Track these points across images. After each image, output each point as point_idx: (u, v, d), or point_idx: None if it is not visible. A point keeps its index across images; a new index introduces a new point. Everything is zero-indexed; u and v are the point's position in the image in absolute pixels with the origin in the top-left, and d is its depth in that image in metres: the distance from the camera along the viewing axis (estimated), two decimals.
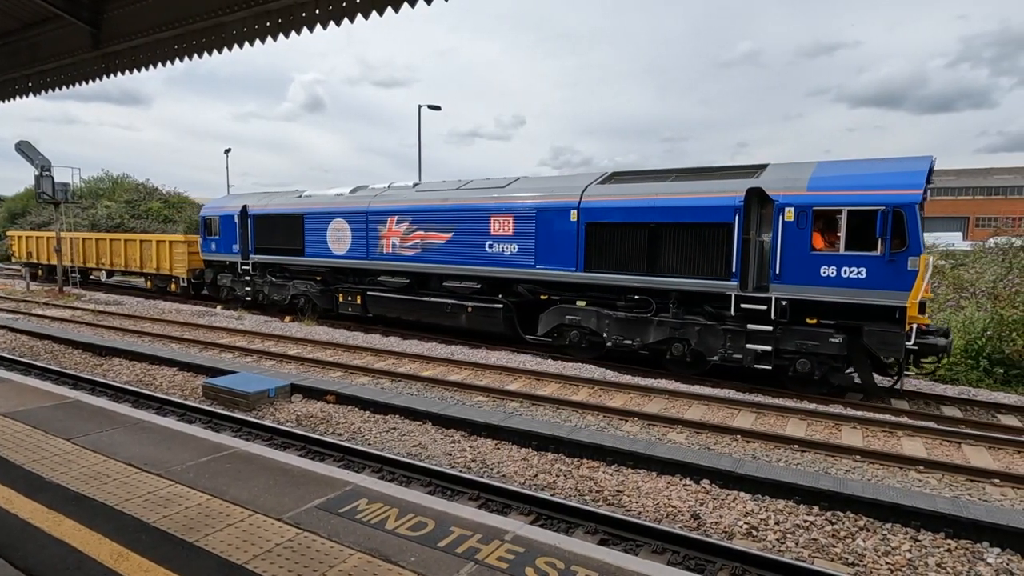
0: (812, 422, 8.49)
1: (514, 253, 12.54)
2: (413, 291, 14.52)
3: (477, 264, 13.14)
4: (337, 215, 15.88)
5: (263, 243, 18.01)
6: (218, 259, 19.86)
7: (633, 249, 11.07)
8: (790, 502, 5.85)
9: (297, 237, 16.85)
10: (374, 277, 15.33)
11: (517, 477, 6.58)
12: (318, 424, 8.24)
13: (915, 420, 8.55)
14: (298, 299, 17.46)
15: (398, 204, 14.65)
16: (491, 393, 9.68)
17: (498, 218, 12.73)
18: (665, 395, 9.65)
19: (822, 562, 4.98)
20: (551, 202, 12.03)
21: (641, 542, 5.14)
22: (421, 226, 14.08)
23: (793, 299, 9.57)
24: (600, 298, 11.82)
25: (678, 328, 10.81)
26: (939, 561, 4.92)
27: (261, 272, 18.47)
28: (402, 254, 14.46)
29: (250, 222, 18.29)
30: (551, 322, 12.41)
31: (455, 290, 13.59)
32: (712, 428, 8.00)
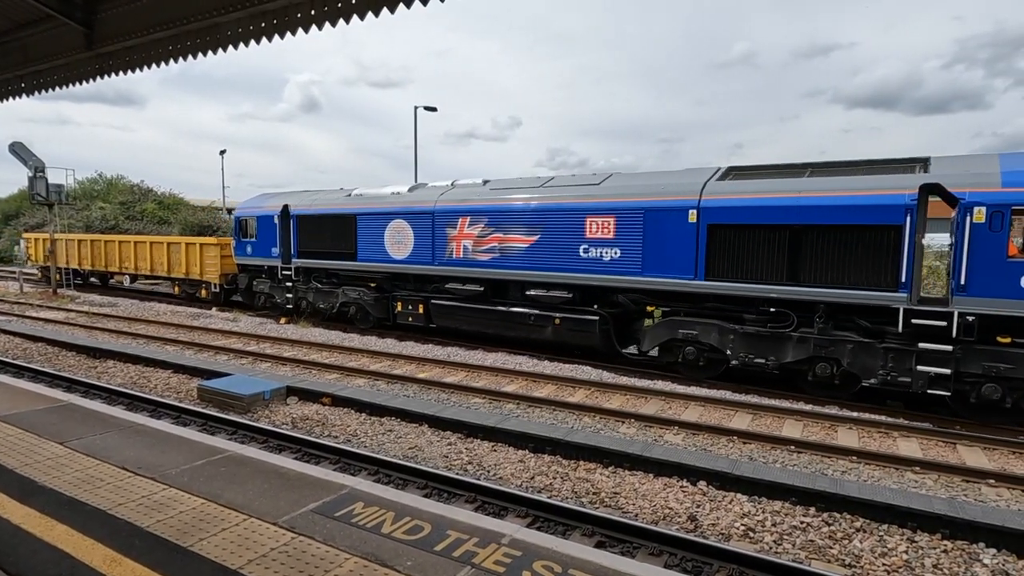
0: (808, 423, 8.51)
1: (615, 259, 11.12)
2: (487, 300, 13.10)
3: (569, 271, 11.68)
4: (396, 215, 14.35)
5: (308, 246, 16.45)
6: (255, 263, 18.24)
7: (769, 254, 9.63)
8: (787, 503, 5.85)
9: (348, 240, 15.34)
10: (440, 284, 13.86)
11: (514, 479, 6.56)
12: (314, 427, 8.20)
13: (911, 421, 8.57)
14: (348, 307, 15.91)
15: (471, 203, 13.15)
16: (488, 395, 9.66)
17: (596, 219, 11.30)
18: (662, 396, 9.65)
19: (819, 564, 4.97)
20: (663, 201, 10.58)
21: (638, 544, 5.13)
22: (499, 228, 12.59)
23: (984, 314, 8.13)
24: (722, 310, 10.41)
25: (825, 346, 9.30)
26: (935, 562, 4.92)
27: (305, 278, 16.86)
28: (475, 259, 12.97)
29: (293, 223, 16.70)
30: (660, 336, 11.01)
31: (539, 300, 12.20)
32: (709, 429, 8.00)
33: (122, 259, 23.53)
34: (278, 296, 17.73)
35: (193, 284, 21.20)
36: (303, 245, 16.60)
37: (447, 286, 13.66)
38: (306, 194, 17.45)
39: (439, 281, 13.91)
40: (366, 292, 15.46)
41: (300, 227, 16.62)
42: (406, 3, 4.03)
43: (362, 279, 15.66)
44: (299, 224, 16.64)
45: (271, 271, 17.85)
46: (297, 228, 16.68)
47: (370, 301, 15.33)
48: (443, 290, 13.80)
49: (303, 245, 16.60)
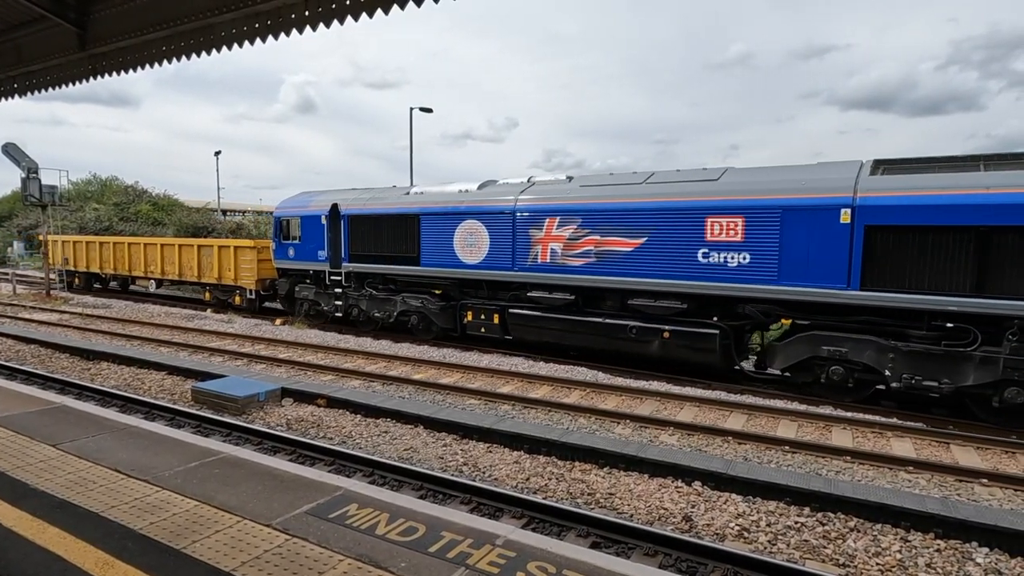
0: (803, 423, 8.53)
1: (744, 264, 9.84)
2: (577, 310, 11.89)
3: (684, 278, 10.40)
4: (468, 216, 13.07)
5: (361, 249, 15.10)
6: (297, 268, 16.76)
7: (947, 261, 8.36)
8: (781, 503, 5.87)
9: (410, 242, 14.06)
10: (520, 292, 12.63)
11: (509, 480, 6.56)
12: (308, 428, 8.18)
13: (904, 421, 8.61)
14: (408, 316, 14.56)
15: (560, 202, 11.90)
16: (483, 396, 9.65)
17: (718, 219, 10.01)
18: (657, 397, 9.67)
19: (813, 563, 4.99)
20: (807, 199, 9.31)
21: (633, 545, 5.13)
22: (596, 229, 11.33)
23: None
24: (878, 324, 9.13)
25: (1018, 367, 8.03)
26: (929, 561, 4.95)
27: (357, 284, 15.45)
28: (566, 264, 11.72)
29: (344, 224, 15.34)
30: (798, 354, 9.67)
31: (645, 310, 10.99)
32: (704, 430, 8.02)
33: (147, 263, 22.04)
34: (324, 303, 16.23)
35: (226, 290, 19.58)
36: (356, 248, 15.21)
37: (530, 294, 12.33)
38: (357, 192, 16.08)
39: (519, 288, 12.61)
40: (430, 300, 14.12)
41: (352, 228, 15.21)
42: (400, 4, 4.02)
43: (425, 285, 14.38)
44: (351, 225, 15.21)
45: (317, 276, 16.38)
46: (349, 229, 15.27)
47: (435, 310, 13.97)
48: (524, 299, 12.50)
49: (356, 248, 15.21)
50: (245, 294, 18.86)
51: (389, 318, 14.87)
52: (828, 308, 9.41)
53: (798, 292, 9.49)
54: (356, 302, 15.47)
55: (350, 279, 15.57)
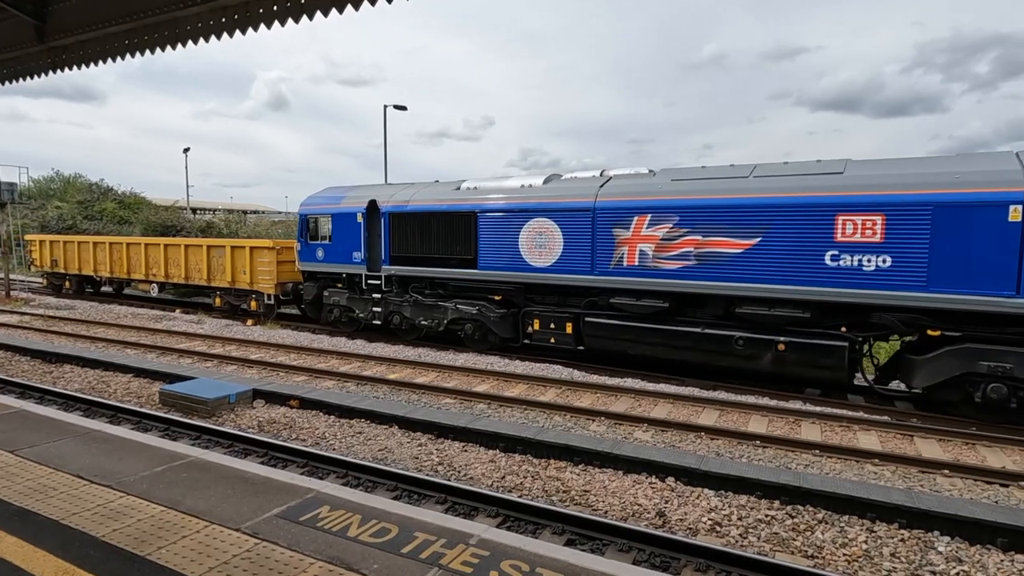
0: (773, 418, 8.68)
1: (883, 268, 8.77)
2: (668, 319, 10.74)
3: (807, 283, 9.29)
4: (538, 213, 11.80)
5: (405, 250, 13.73)
6: (327, 271, 15.27)
7: None
8: (752, 497, 5.96)
9: (465, 243, 12.77)
10: (598, 298, 11.49)
11: (484, 479, 6.55)
12: (281, 430, 8.06)
13: (870, 415, 8.82)
14: (460, 325, 13.22)
15: (651, 198, 10.68)
16: (458, 395, 9.62)
17: (852, 217, 8.92)
18: (631, 394, 9.74)
19: (783, 555, 5.08)
20: (965, 194, 8.29)
21: (608, 541, 5.17)
22: (696, 228, 10.15)
23: None
24: None
25: None
26: (893, 551, 5.08)
27: (399, 288, 14.12)
28: (658, 268, 10.52)
29: (384, 222, 13.97)
30: (948, 370, 8.57)
31: (756, 319, 9.85)
32: (677, 426, 8.11)
33: (149, 265, 20.18)
34: (359, 309, 14.79)
35: (240, 295, 17.89)
36: (398, 249, 13.84)
37: (612, 300, 11.17)
38: (396, 188, 14.81)
39: (598, 295, 11.46)
40: (488, 307, 12.78)
41: (395, 227, 13.83)
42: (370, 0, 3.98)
43: (482, 291, 12.96)
44: (393, 224, 13.84)
45: (351, 280, 14.93)
46: (390, 228, 13.89)
47: (494, 318, 12.63)
48: (604, 306, 11.37)
49: (398, 249, 13.84)
50: (262, 299, 17.13)
51: (438, 326, 13.47)
52: (988, 318, 8.39)
53: (953, 300, 8.40)
54: (398, 309, 14.07)
55: (391, 283, 14.17)
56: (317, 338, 14.61)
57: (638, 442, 7.59)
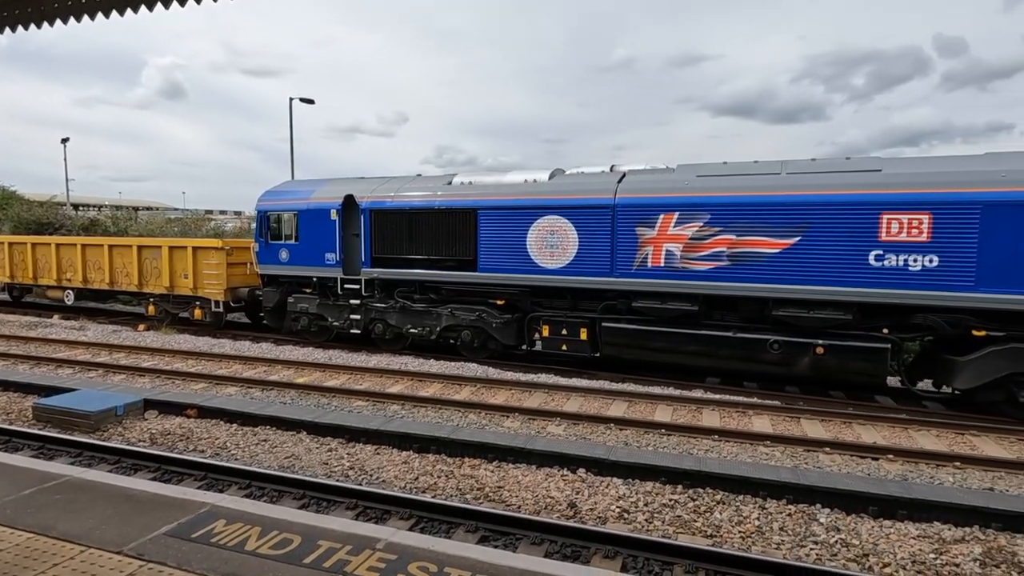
0: (677, 407, 9.13)
1: (929, 268, 8.60)
2: (695, 323, 10.21)
3: (850, 284, 9.02)
4: (549, 210, 10.95)
5: (389, 251, 12.49)
6: (294, 274, 13.72)
7: None
8: (658, 483, 6.23)
9: (463, 242, 11.75)
10: (617, 302, 10.82)
11: (398, 482, 6.44)
12: (176, 442, 7.53)
13: (764, 400, 9.48)
14: (456, 332, 12.18)
15: (678, 194, 10.08)
16: (371, 397, 9.39)
17: (897, 216, 8.70)
18: (545, 389, 9.91)
19: (685, 536, 5.35)
20: (1012, 193, 8.17)
21: (521, 535, 5.22)
22: (729, 227, 9.66)
23: None
24: None
25: None
26: (781, 525, 5.48)
27: (382, 293, 12.85)
28: (687, 269, 9.98)
29: (364, 220, 12.66)
30: (995, 370, 8.51)
31: (795, 321, 9.47)
32: (588, 419, 8.34)
33: (61, 268, 17.55)
34: (332, 317, 13.38)
35: (180, 302, 15.77)
36: (382, 249, 12.58)
37: (636, 304, 10.51)
38: (376, 181, 13.32)
39: (617, 298, 10.79)
40: (489, 312, 11.83)
41: (377, 225, 12.55)
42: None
43: (483, 295, 12.00)
44: (376, 221, 12.56)
45: (323, 284, 13.49)
46: (371, 226, 12.59)
47: (497, 324, 11.72)
48: (625, 309, 10.71)
49: (382, 249, 12.58)
50: (209, 306, 15.11)
51: (430, 334, 12.37)
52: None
53: (1002, 300, 8.33)
54: (381, 316, 12.80)
55: (372, 288, 12.89)
56: (218, 343, 13.77)
57: (551, 436, 7.73)
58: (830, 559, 4.98)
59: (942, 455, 7.13)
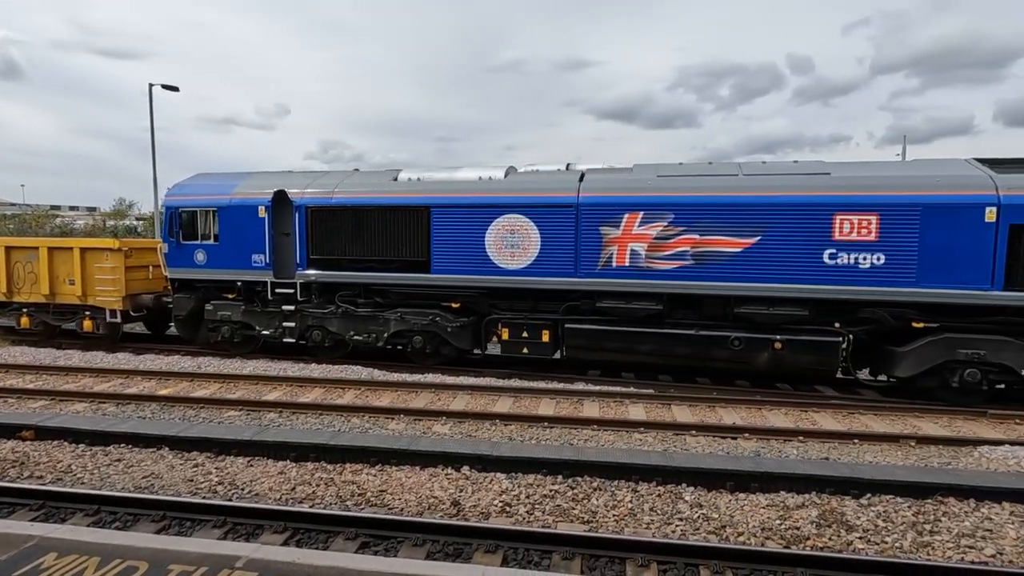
0: (560, 400, 9.43)
1: (878, 266, 9.22)
2: (659, 322, 10.29)
3: (807, 281, 9.48)
4: (509, 209, 10.61)
5: (330, 252, 11.62)
6: (214, 278, 12.35)
7: None
8: (539, 475, 6.40)
9: (415, 242, 11.12)
10: (581, 302, 10.68)
11: (273, 494, 6.10)
12: (8, 468, 6.62)
13: (640, 389, 10.04)
14: (407, 338, 11.50)
15: (643, 194, 10.13)
16: (245, 406, 8.83)
17: (849, 217, 9.25)
18: (432, 389, 9.85)
19: (564, 524, 5.54)
20: (951, 196, 8.95)
21: (403, 538, 5.15)
22: (693, 227, 9.84)
23: None
24: (1015, 325, 9.09)
25: None
26: (651, 506, 5.83)
27: (322, 298, 11.92)
28: (652, 268, 10.05)
29: (299, 218, 11.70)
30: (932, 358, 9.20)
31: (756, 318, 9.83)
32: (474, 416, 8.39)
33: None
34: (261, 325, 12.18)
35: (64, 312, 13.54)
36: (320, 250, 11.67)
37: (600, 304, 10.45)
38: (310, 176, 12.39)
39: (580, 298, 10.68)
40: (443, 316, 11.28)
41: (315, 224, 11.63)
42: None
43: (437, 297, 11.41)
44: (313, 220, 11.63)
45: (250, 289, 12.27)
46: (309, 225, 11.65)
47: (452, 328, 11.21)
48: (588, 310, 10.63)
49: (320, 250, 11.67)
50: (103, 316, 13.07)
51: (376, 341, 11.61)
52: (966, 310, 9.17)
53: (939, 294, 9.10)
54: (320, 322, 11.86)
55: (310, 292, 11.91)
56: (65, 354, 12.30)
57: (437, 435, 7.70)
58: (693, 533, 5.38)
59: (788, 431, 7.95)
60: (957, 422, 8.69)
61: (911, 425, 8.51)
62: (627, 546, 4.89)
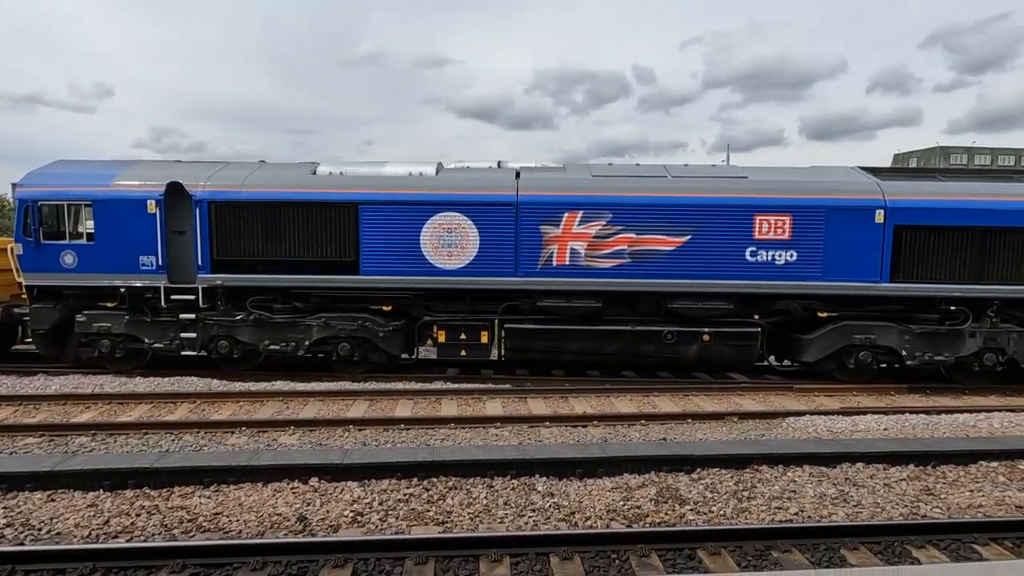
0: (418, 400, 9.29)
1: (791, 262, 10.11)
2: (597, 319, 10.42)
3: (733, 277, 10.17)
4: (447, 207, 10.22)
5: (238, 252, 10.41)
6: (89, 284, 10.55)
7: (954, 255, 10.04)
8: (393, 480, 6.21)
9: (341, 241, 10.33)
10: (520, 302, 10.55)
11: (79, 531, 5.28)
12: None
13: (497, 385, 10.20)
14: (332, 345, 10.61)
15: (583, 194, 10.24)
16: (48, 431, 7.60)
17: (767, 217, 10.04)
18: (280, 397, 9.21)
19: (419, 528, 5.42)
20: (848, 200, 10.08)
21: (239, 563, 4.71)
22: (630, 226, 10.12)
23: None
24: (897, 312, 10.39)
25: (993, 338, 10.18)
26: (506, 500, 5.91)
27: (229, 304, 10.62)
28: (592, 267, 10.22)
29: (200, 214, 10.30)
30: (833, 344, 10.35)
31: (688, 313, 10.31)
32: (326, 423, 7.97)
33: None
34: (152, 337, 10.61)
35: None
36: (227, 251, 10.38)
37: (541, 303, 10.38)
38: (209, 167, 10.91)
39: (521, 297, 10.53)
40: (374, 320, 10.53)
41: (219, 221, 10.31)
42: None
43: (365, 300, 10.67)
44: (216, 216, 10.30)
45: (137, 296, 10.57)
46: (213, 222, 10.30)
47: (384, 333, 10.47)
48: (528, 309, 10.52)
49: (227, 251, 10.38)
50: None
51: (297, 349, 10.57)
52: (864, 300, 10.38)
53: (840, 287, 10.19)
54: (228, 331, 10.56)
55: (215, 298, 10.56)
56: None
57: (283, 447, 7.19)
58: (544, 523, 5.53)
59: (633, 416, 8.53)
60: (771, 398, 9.90)
61: (735, 403, 9.53)
62: (479, 543, 4.89)
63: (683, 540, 5.00)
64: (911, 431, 8.16)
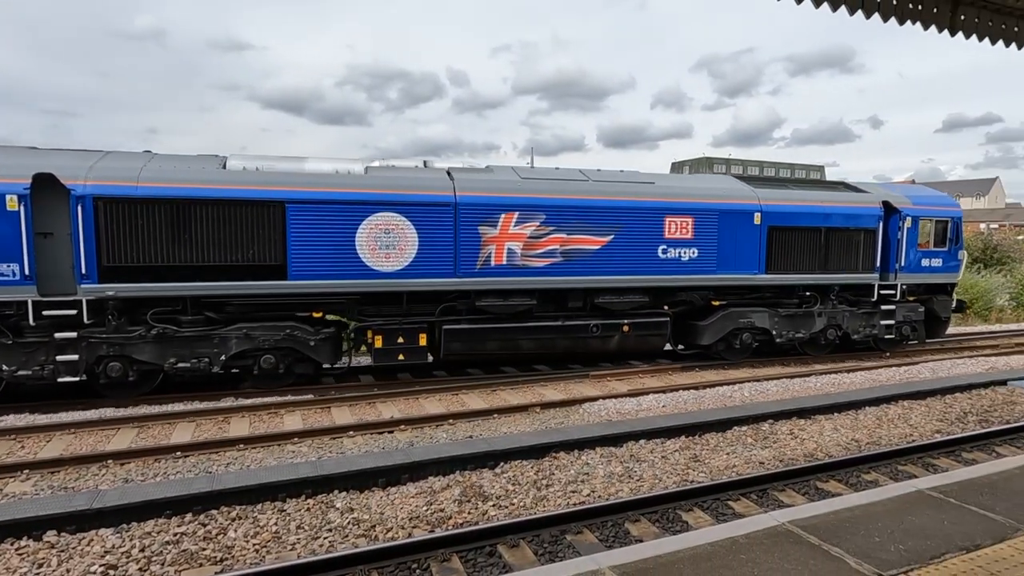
0: (201, 421, 8.22)
1: (693, 258, 11.44)
2: (530, 316, 10.88)
3: (648, 273, 11.25)
4: (383, 207, 9.70)
5: (134, 257, 8.73)
6: None
7: (808, 250, 12.14)
8: (161, 519, 5.35)
9: (265, 243, 9.20)
10: (458, 303, 10.55)
11: None
12: None
13: (297, 396, 9.45)
14: (252, 358, 9.45)
15: (519, 196, 10.49)
16: None
17: (675, 219, 11.27)
18: (12, 435, 7.48)
19: (191, 572, 4.72)
20: (736, 204, 11.70)
21: None
22: (562, 227, 10.66)
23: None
24: (767, 299, 12.28)
25: (834, 316, 12.59)
26: (299, 523, 5.41)
27: (122, 319, 8.91)
28: (528, 266, 10.57)
29: (84, 212, 8.43)
30: (724, 328, 11.98)
31: (609, 307, 11.21)
32: (73, 461, 6.63)
33: None
34: (12, 363, 8.48)
35: None
36: (119, 255, 8.70)
37: (480, 303, 10.48)
38: (91, 156, 8.96)
39: (459, 298, 10.54)
40: (303, 328, 9.68)
41: (109, 221, 8.59)
42: None
43: (293, 307, 9.82)
44: (106, 215, 8.57)
45: None
46: (99, 222, 8.55)
47: (316, 341, 9.71)
48: (465, 309, 10.58)
49: (119, 255, 8.70)
50: None
51: (211, 365, 9.25)
52: (747, 289, 12.14)
53: (731, 278, 11.76)
54: (122, 351, 8.93)
55: (103, 312, 8.85)
56: None
57: (10, 499, 5.81)
58: (341, 542, 5.16)
59: (440, 416, 8.45)
60: (570, 386, 10.54)
61: (538, 394, 9.97)
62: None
63: (482, 538, 5.02)
64: (683, 406, 9.24)
